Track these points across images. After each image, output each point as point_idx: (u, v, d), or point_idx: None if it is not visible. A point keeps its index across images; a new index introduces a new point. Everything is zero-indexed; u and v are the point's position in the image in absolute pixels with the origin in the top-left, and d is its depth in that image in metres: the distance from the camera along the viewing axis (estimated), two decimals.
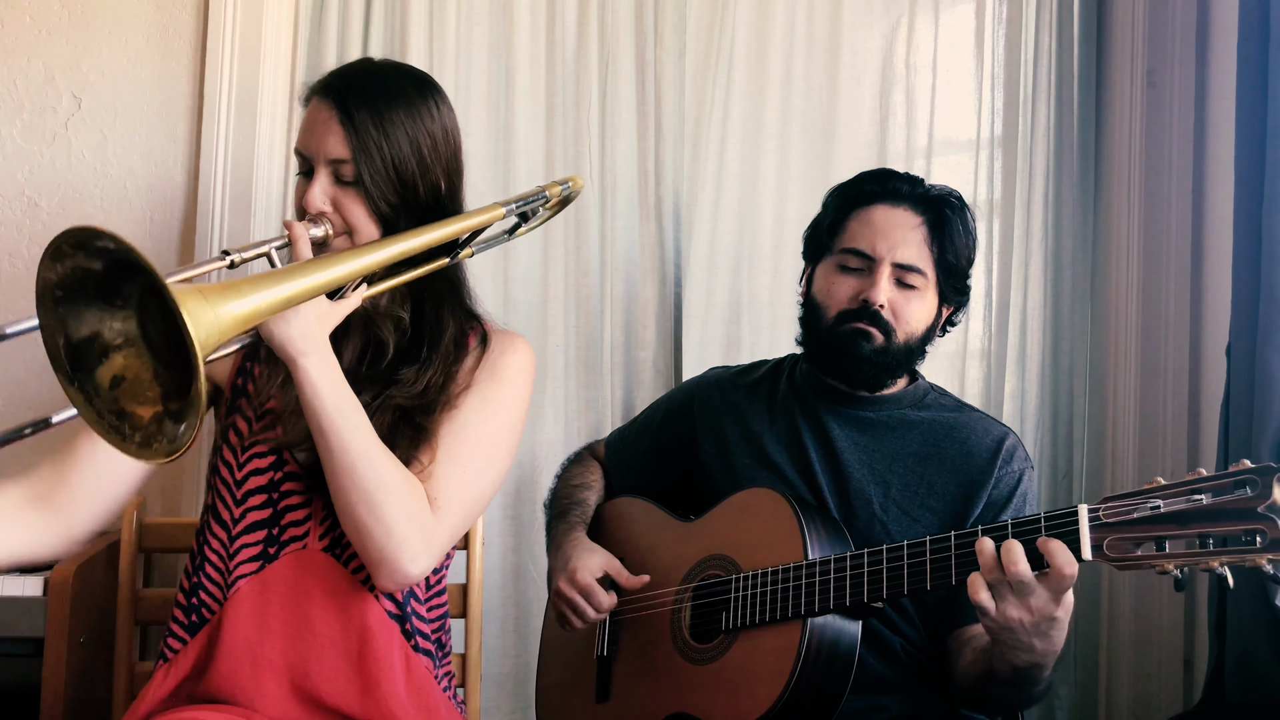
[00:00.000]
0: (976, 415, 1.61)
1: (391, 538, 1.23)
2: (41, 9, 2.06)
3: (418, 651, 1.35)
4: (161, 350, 1.02)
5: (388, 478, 1.23)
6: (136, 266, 0.94)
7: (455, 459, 1.31)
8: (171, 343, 1.00)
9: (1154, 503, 1.18)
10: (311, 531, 1.32)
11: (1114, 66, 2.21)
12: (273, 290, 1.07)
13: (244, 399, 1.38)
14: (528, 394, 1.42)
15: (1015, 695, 1.38)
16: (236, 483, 1.34)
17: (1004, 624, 1.23)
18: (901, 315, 1.54)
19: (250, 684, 1.28)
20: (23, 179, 2.07)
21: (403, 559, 1.23)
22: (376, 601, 1.32)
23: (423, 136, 1.34)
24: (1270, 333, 1.70)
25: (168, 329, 1.00)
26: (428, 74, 1.42)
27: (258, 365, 1.39)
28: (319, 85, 1.37)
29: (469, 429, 1.34)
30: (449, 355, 1.37)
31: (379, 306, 1.36)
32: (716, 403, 1.71)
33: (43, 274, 0.98)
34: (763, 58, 2.23)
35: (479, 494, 1.35)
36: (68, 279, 0.98)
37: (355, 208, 1.31)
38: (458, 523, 1.31)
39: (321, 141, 1.31)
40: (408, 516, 1.24)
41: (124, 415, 1.01)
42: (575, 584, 1.55)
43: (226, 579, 1.32)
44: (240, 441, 1.35)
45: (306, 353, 1.21)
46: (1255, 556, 1.10)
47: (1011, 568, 1.20)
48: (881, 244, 1.54)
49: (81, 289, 0.99)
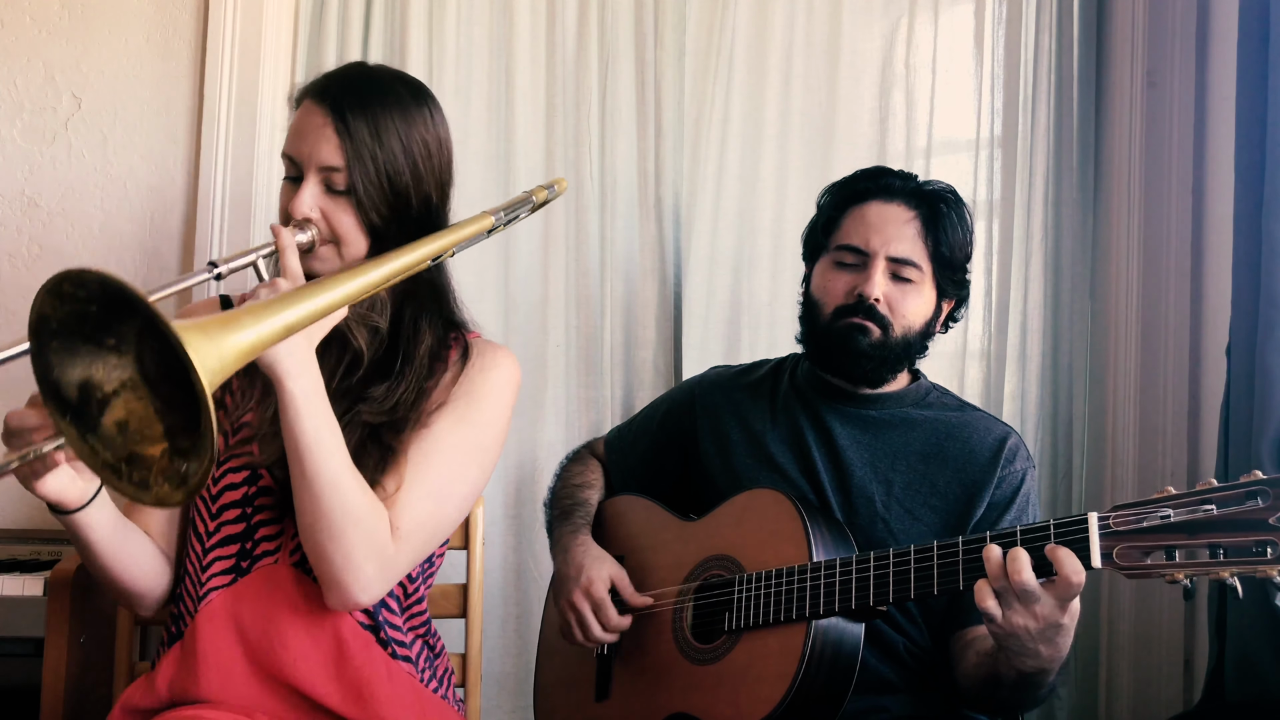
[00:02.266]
0: (979, 414, 1.61)
1: (348, 565, 1.21)
2: (41, 9, 2.06)
3: (396, 659, 1.34)
4: (160, 387, 1.00)
5: (353, 507, 1.21)
6: (135, 306, 0.91)
7: (422, 483, 1.28)
8: (172, 379, 0.97)
9: (1164, 512, 1.18)
10: (284, 547, 1.31)
11: (1114, 66, 2.21)
12: (273, 321, 1.04)
13: (221, 412, 1.36)
14: (507, 411, 1.39)
15: (1020, 699, 1.38)
16: (212, 497, 1.32)
17: (1010, 631, 1.23)
18: (898, 309, 1.54)
19: (243, 690, 1.28)
20: (22, 179, 2.07)
21: (354, 587, 1.23)
22: (349, 615, 1.31)
23: (417, 146, 1.32)
24: (1270, 333, 1.70)
25: (168, 367, 0.97)
26: (422, 82, 1.41)
27: (235, 379, 1.37)
28: (313, 88, 1.33)
29: (440, 450, 1.31)
30: (422, 370, 1.34)
31: (358, 312, 1.33)
32: (718, 402, 1.71)
33: (39, 309, 0.94)
34: (762, 58, 2.23)
35: (444, 519, 1.32)
36: (67, 318, 0.95)
37: (345, 217, 1.29)
38: (418, 549, 1.29)
39: (314, 148, 1.28)
40: (366, 546, 1.22)
41: (133, 460, 0.98)
42: (590, 596, 1.55)
43: (198, 590, 1.31)
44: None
45: (294, 375, 1.18)
46: (1266, 568, 1.10)
47: (1016, 576, 1.20)
48: (875, 238, 1.54)
49: (78, 329, 0.96)
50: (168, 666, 1.31)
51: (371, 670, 1.30)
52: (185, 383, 0.90)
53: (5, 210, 2.06)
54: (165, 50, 2.09)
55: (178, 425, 0.98)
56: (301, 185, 1.29)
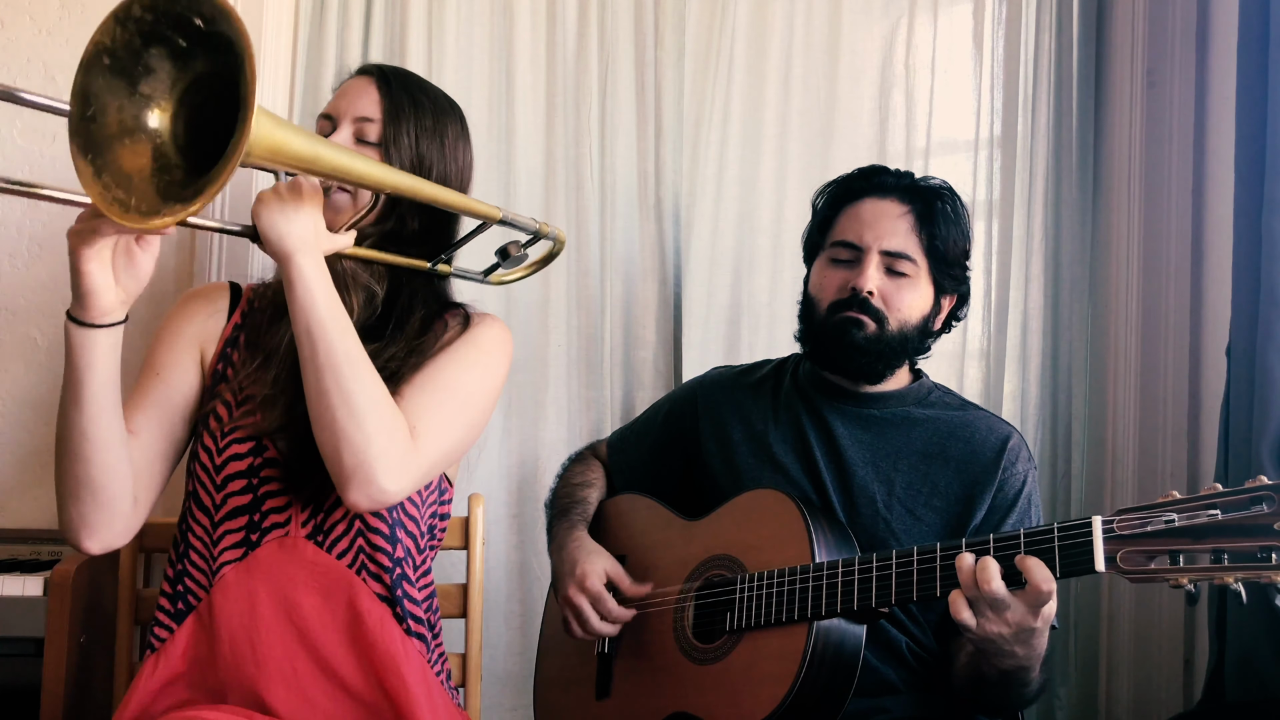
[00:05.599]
0: (981, 414, 1.61)
1: (371, 447, 1.20)
2: (41, 9, 2.06)
3: (410, 635, 1.35)
4: (185, 149, 1.06)
5: (372, 388, 1.22)
6: (224, 42, 0.97)
7: (431, 398, 1.30)
8: (199, 141, 1.04)
9: (1168, 516, 1.18)
10: (293, 519, 1.32)
11: (1114, 66, 2.22)
12: (305, 139, 1.12)
13: (224, 384, 1.38)
14: (503, 369, 1.42)
15: (1006, 696, 1.39)
16: (216, 468, 1.33)
17: (984, 636, 1.26)
18: (893, 303, 1.55)
19: (253, 670, 1.28)
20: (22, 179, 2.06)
21: (379, 472, 1.20)
22: (365, 584, 1.32)
23: (446, 134, 1.41)
24: (1270, 333, 1.70)
25: (203, 124, 1.03)
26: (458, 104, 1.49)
27: (237, 352, 1.40)
28: (360, 67, 1.45)
29: (443, 377, 1.33)
30: (413, 334, 1.37)
31: (357, 274, 1.37)
32: (720, 402, 1.71)
33: (98, 37, 1.01)
34: (762, 58, 2.24)
35: (455, 437, 1.33)
36: (125, 47, 1.01)
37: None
38: (434, 456, 1.29)
39: (353, 102, 1.38)
40: (389, 430, 1.22)
41: (128, 181, 1.03)
42: (586, 591, 1.55)
43: (211, 565, 1.32)
44: (220, 427, 1.35)
45: (302, 250, 1.20)
46: (1271, 574, 1.11)
47: (986, 585, 1.23)
48: (868, 233, 1.55)
49: (133, 62, 1.02)
50: (184, 639, 1.32)
51: (386, 645, 1.31)
52: (209, 153, 0.96)
53: (5, 210, 2.06)
54: None
55: (183, 173, 1.04)
56: (334, 133, 1.37)
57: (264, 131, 1.03)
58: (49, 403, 2.01)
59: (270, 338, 1.36)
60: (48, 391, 1.99)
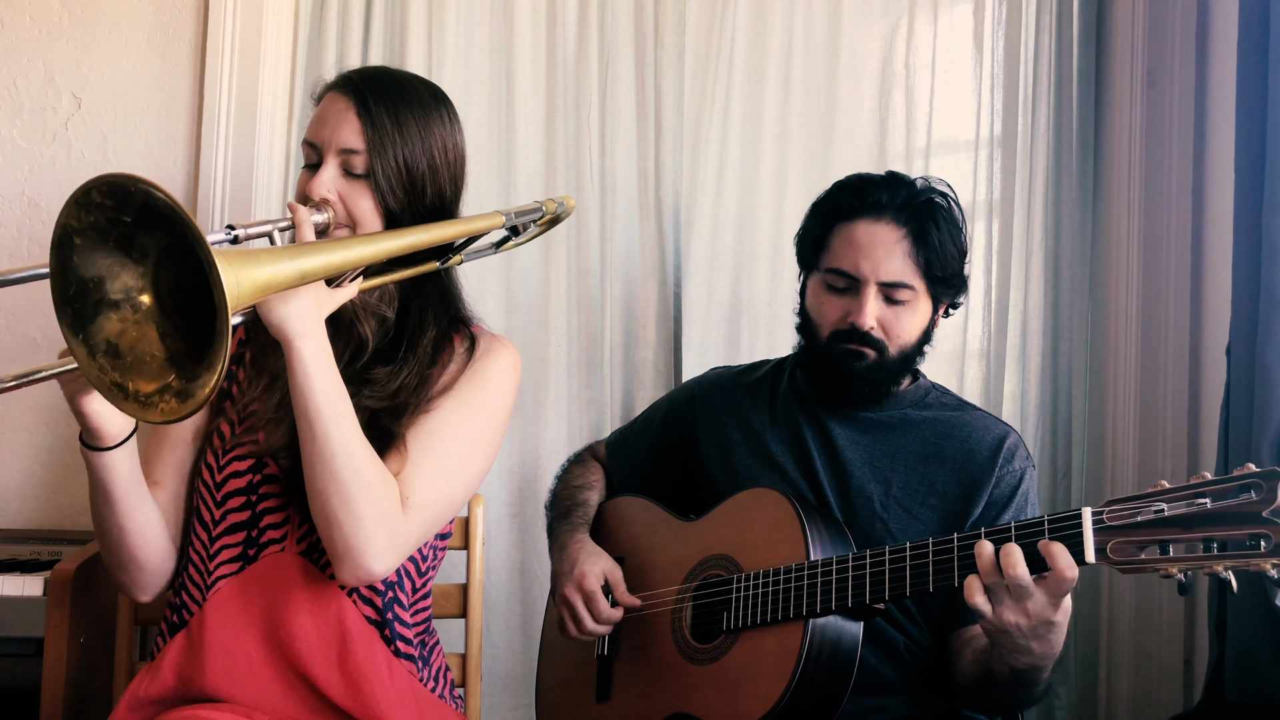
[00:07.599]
0: (978, 414, 1.61)
1: (360, 531, 1.21)
2: (41, 9, 2.06)
3: (399, 657, 1.34)
4: (171, 312, 1.04)
5: (365, 471, 1.22)
6: (169, 220, 0.94)
7: (429, 459, 1.30)
8: (181, 306, 1.01)
9: (1158, 506, 1.17)
10: (289, 535, 1.32)
11: (1114, 66, 2.21)
12: (289, 263, 1.09)
13: (228, 402, 1.38)
14: (510, 399, 1.41)
15: (1015, 696, 1.38)
16: (216, 485, 1.34)
17: (1001, 627, 1.23)
18: (893, 331, 1.53)
19: (247, 681, 1.29)
20: (23, 179, 2.07)
21: (368, 554, 1.22)
22: (355, 606, 1.32)
23: (435, 141, 1.36)
24: (1270, 333, 1.70)
25: (181, 289, 1.01)
26: (440, 88, 1.45)
27: (241, 369, 1.40)
28: (336, 81, 1.38)
29: (446, 429, 1.32)
30: (425, 358, 1.36)
31: (366, 303, 1.36)
32: (718, 402, 1.71)
33: (64, 220, 0.98)
34: (762, 58, 2.23)
35: (452, 496, 1.33)
36: (91, 228, 0.98)
37: (362, 200, 1.32)
38: (428, 523, 1.30)
39: (335, 131, 1.32)
40: (378, 513, 1.22)
41: (126, 375, 1.02)
42: (581, 590, 1.55)
43: (207, 579, 1.32)
44: (222, 444, 1.35)
45: (304, 335, 1.19)
46: (1260, 561, 1.10)
47: (1010, 571, 1.20)
48: (865, 264, 1.52)
49: (103, 239, 0.99)
50: (174, 653, 1.32)
51: (372, 667, 1.31)
52: (194, 312, 0.93)
53: (5, 210, 2.06)
54: (165, 50, 2.09)
55: (181, 352, 1.02)
56: (320, 167, 1.32)
57: (244, 283, 1.00)
58: (49, 403, 2.02)
59: (277, 360, 1.34)
60: (48, 391, 1.99)
